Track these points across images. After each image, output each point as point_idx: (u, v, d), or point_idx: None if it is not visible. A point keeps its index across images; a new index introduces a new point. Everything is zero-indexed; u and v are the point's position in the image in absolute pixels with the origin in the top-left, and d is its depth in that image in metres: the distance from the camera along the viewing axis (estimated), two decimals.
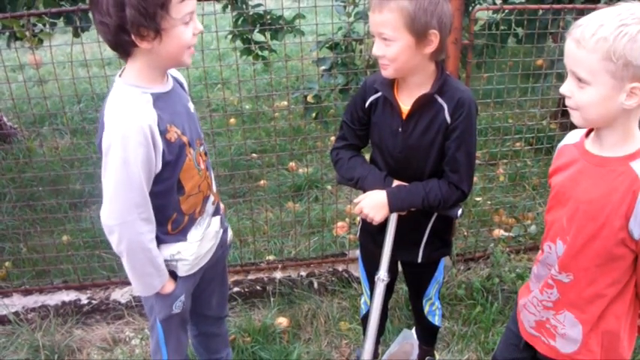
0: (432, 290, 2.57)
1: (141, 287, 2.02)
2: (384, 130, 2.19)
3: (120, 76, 1.86)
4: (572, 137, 1.87)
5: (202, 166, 2.04)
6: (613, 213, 1.64)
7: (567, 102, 1.67)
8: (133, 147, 1.75)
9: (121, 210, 1.83)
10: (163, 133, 1.83)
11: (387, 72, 2.04)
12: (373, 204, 2.16)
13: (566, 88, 1.65)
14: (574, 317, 1.84)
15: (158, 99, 1.85)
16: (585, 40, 1.53)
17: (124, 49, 1.76)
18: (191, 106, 2.07)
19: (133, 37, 1.70)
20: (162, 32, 1.72)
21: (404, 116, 2.12)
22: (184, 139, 1.92)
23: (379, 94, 2.18)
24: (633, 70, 1.50)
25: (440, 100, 2.08)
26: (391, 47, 1.96)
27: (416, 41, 1.95)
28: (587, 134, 1.79)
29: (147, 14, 1.66)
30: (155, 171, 1.85)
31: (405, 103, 2.12)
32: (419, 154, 2.16)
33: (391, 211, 2.16)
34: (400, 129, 2.14)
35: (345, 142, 2.30)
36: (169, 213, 1.98)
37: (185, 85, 2.14)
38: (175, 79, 2.02)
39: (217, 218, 2.21)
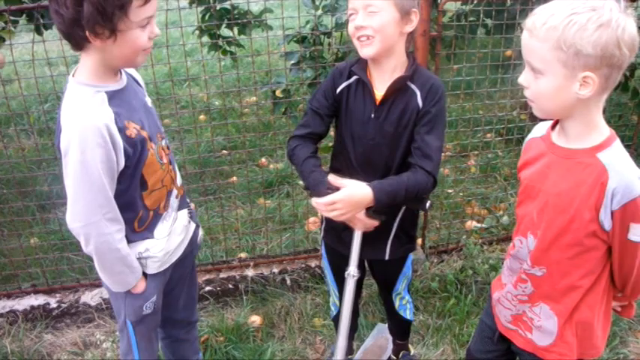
0: (401, 285, 2.55)
1: (115, 284, 2.00)
2: (357, 117, 2.18)
3: (73, 75, 1.82)
4: (539, 130, 1.87)
5: (165, 160, 2.01)
6: (582, 205, 1.64)
7: (525, 93, 1.67)
8: (90, 148, 1.72)
9: (85, 212, 1.80)
10: (122, 130, 1.79)
11: (369, 47, 2.03)
12: (354, 200, 2.05)
13: (523, 78, 1.66)
14: (549, 309, 1.84)
15: (113, 96, 1.81)
16: (537, 30, 1.54)
17: (76, 42, 1.72)
18: (148, 100, 2.04)
19: (87, 33, 1.65)
20: (118, 33, 1.69)
21: (377, 102, 2.13)
22: (144, 133, 1.88)
23: (352, 80, 2.19)
24: (585, 59, 1.49)
25: (412, 86, 2.11)
26: (376, 18, 1.98)
27: (400, 17, 2.00)
28: (554, 127, 1.78)
29: (104, 13, 1.63)
30: (118, 169, 1.82)
31: (379, 89, 2.13)
32: (391, 140, 2.15)
33: (377, 204, 2.07)
34: (373, 115, 2.15)
35: (307, 129, 2.24)
36: (135, 210, 1.95)
37: (140, 80, 2.09)
38: (129, 75, 1.98)
39: (184, 212, 2.18)
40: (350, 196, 2.04)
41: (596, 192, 1.61)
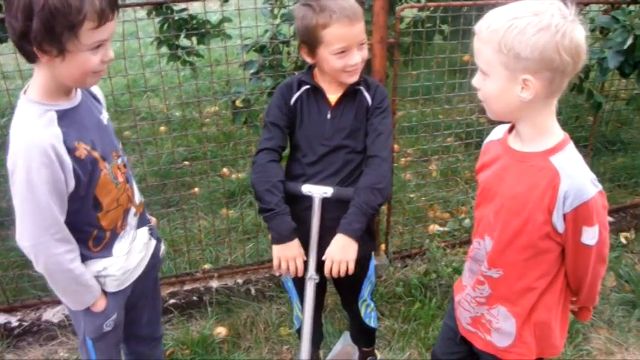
0: (366, 291, 2.56)
1: (70, 303, 1.96)
2: (313, 121, 2.29)
3: (25, 92, 1.78)
4: (496, 133, 1.91)
5: (121, 179, 1.97)
6: (535, 208, 1.68)
7: (478, 94, 1.71)
8: (36, 168, 1.68)
9: (32, 232, 1.76)
10: (71, 150, 1.76)
11: (356, 75, 2.22)
12: (341, 246, 2.19)
13: (475, 80, 1.70)
14: (507, 311, 1.87)
15: (63, 116, 1.77)
16: (482, 33, 1.60)
17: (26, 55, 1.68)
18: (104, 117, 1.99)
19: (34, 48, 1.62)
20: (66, 53, 1.64)
21: (332, 104, 2.28)
22: (95, 154, 1.85)
23: (303, 89, 2.30)
24: (524, 63, 1.54)
25: (361, 88, 2.29)
26: (365, 50, 2.21)
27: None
28: (510, 130, 1.82)
29: (52, 32, 1.59)
30: (68, 190, 1.78)
31: (331, 92, 2.28)
32: (349, 137, 2.27)
33: (358, 235, 2.20)
34: (329, 116, 2.26)
35: (273, 141, 2.30)
36: (88, 231, 1.91)
37: (100, 95, 2.05)
38: (86, 92, 1.94)
39: (144, 230, 2.14)
40: (336, 249, 2.19)
41: (549, 195, 1.64)
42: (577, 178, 1.63)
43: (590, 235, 1.67)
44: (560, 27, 1.50)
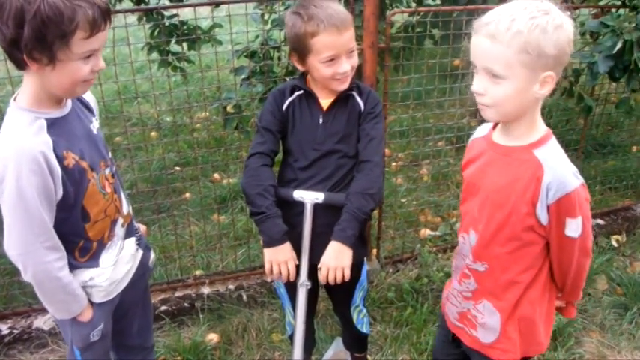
0: (359, 296, 2.55)
1: (57, 312, 1.94)
2: (305, 125, 2.29)
3: (15, 99, 1.77)
4: (481, 131, 1.97)
5: (109, 190, 1.96)
6: (519, 200, 1.72)
7: (481, 99, 1.71)
8: (26, 176, 1.67)
9: (22, 240, 1.75)
10: (61, 159, 1.74)
11: (346, 83, 2.21)
12: (336, 253, 2.18)
13: (480, 85, 1.70)
14: (492, 305, 1.91)
15: (53, 124, 1.76)
16: (501, 35, 1.59)
17: (16, 62, 1.67)
18: (94, 127, 1.98)
19: (25, 56, 1.61)
20: (57, 62, 1.63)
21: (324, 109, 2.27)
22: (84, 164, 1.83)
23: (295, 94, 2.30)
24: (546, 60, 1.59)
25: (354, 93, 2.29)
26: (355, 57, 2.20)
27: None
28: (495, 127, 1.87)
29: (43, 41, 1.58)
30: (56, 199, 1.77)
31: (323, 97, 2.28)
32: (342, 142, 2.27)
33: (352, 240, 2.19)
34: (321, 120, 2.26)
35: (265, 146, 2.29)
36: (75, 240, 1.90)
37: (92, 103, 2.04)
38: (77, 101, 1.93)
39: (131, 240, 2.12)
40: (330, 257, 2.18)
41: (532, 187, 1.69)
42: (559, 170, 1.68)
43: (573, 227, 1.70)
44: (568, 23, 1.60)
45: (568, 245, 1.75)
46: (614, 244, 3.95)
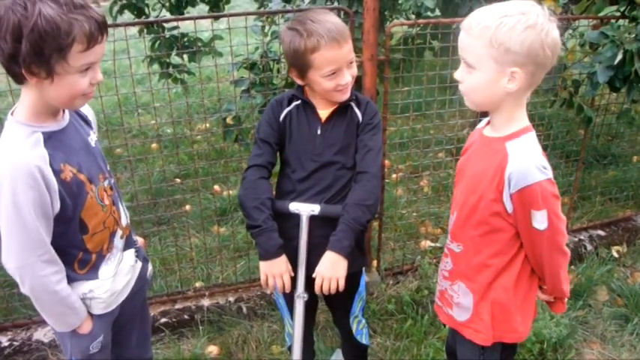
0: (357, 307, 2.55)
1: (56, 325, 1.94)
2: (303, 136, 2.30)
3: (12, 113, 1.78)
4: (481, 123, 2.07)
5: (107, 202, 1.96)
6: (487, 187, 1.84)
7: (460, 87, 1.87)
8: (21, 190, 1.67)
9: (19, 253, 1.75)
10: (57, 172, 1.75)
11: (347, 93, 2.23)
12: (331, 264, 2.18)
13: (458, 73, 1.85)
14: (465, 287, 2.03)
15: (50, 137, 1.77)
16: (472, 28, 1.73)
17: (15, 76, 1.68)
18: (92, 139, 1.98)
19: (23, 70, 1.62)
20: (55, 75, 1.64)
21: (323, 120, 2.28)
22: (81, 177, 1.84)
23: (293, 105, 2.31)
24: (513, 56, 1.69)
25: (352, 104, 2.30)
26: (354, 67, 2.22)
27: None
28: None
29: (41, 55, 1.59)
30: (54, 212, 1.77)
31: (321, 108, 2.29)
32: (340, 153, 2.27)
33: (348, 251, 2.20)
34: (319, 131, 2.26)
35: (263, 158, 2.30)
36: (74, 253, 1.90)
37: (90, 116, 2.05)
38: (74, 113, 1.94)
39: (130, 252, 2.12)
40: (325, 267, 2.18)
41: (498, 176, 1.80)
42: (523, 162, 1.76)
43: (539, 219, 1.79)
44: (544, 26, 1.69)
45: (536, 238, 1.83)
46: (615, 254, 3.94)
